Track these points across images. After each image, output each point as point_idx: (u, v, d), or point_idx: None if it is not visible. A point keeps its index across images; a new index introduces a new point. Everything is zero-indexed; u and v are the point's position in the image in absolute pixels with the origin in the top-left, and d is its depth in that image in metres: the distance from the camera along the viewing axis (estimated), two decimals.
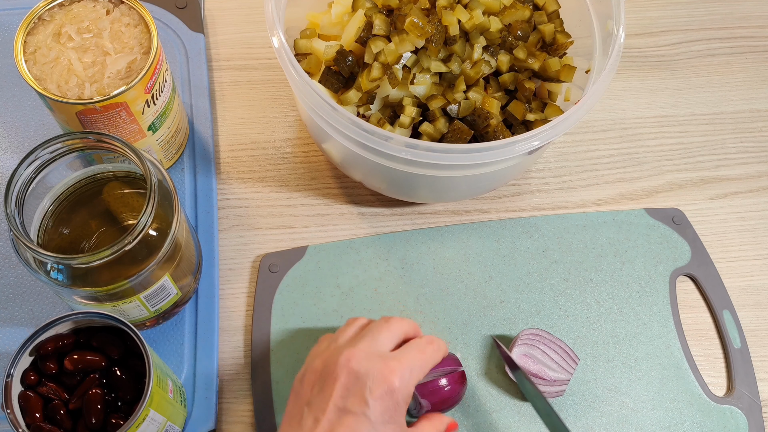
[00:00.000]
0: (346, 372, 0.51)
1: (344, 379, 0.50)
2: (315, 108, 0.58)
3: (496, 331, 0.66)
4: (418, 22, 0.61)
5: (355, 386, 0.50)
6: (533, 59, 0.66)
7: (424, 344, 0.55)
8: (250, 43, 0.79)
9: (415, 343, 0.55)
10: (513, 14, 0.67)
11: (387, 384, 0.50)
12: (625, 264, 0.69)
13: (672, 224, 0.71)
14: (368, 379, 0.50)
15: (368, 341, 0.53)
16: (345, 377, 0.51)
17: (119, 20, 0.60)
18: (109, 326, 0.53)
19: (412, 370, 0.52)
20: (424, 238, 0.70)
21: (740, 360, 0.66)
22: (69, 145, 0.53)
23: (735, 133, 0.77)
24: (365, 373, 0.50)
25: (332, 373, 0.51)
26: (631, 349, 0.66)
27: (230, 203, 0.71)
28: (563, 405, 0.64)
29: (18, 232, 0.50)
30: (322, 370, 0.52)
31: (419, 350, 0.54)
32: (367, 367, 0.51)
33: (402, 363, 0.52)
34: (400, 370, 0.51)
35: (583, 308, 0.68)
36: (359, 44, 0.65)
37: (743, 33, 0.82)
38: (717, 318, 0.68)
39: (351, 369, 0.51)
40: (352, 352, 0.52)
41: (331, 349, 0.54)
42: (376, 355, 0.52)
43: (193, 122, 0.73)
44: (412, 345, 0.54)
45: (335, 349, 0.54)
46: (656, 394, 0.64)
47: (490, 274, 0.68)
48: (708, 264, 0.70)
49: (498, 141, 0.56)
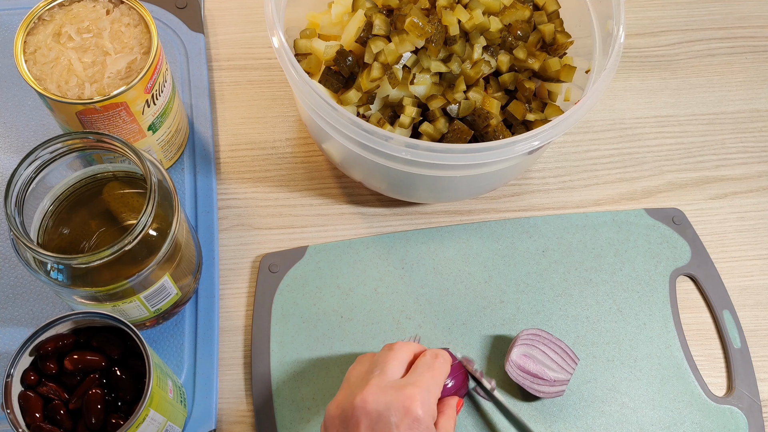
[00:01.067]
0: (365, 414, 0.50)
1: (366, 421, 0.50)
2: (315, 108, 0.58)
3: (495, 332, 0.66)
4: (418, 22, 0.61)
5: (379, 425, 0.49)
6: (533, 59, 0.66)
7: (432, 360, 0.54)
8: (250, 43, 0.79)
9: (423, 363, 0.54)
10: (513, 14, 0.67)
11: (411, 414, 0.49)
12: (625, 264, 0.69)
13: (672, 224, 0.71)
14: (390, 415, 0.49)
15: (378, 375, 0.52)
16: (366, 420, 0.50)
17: (119, 20, 0.60)
18: (109, 326, 0.53)
19: (429, 390, 0.51)
20: (424, 239, 0.70)
21: (740, 360, 0.66)
22: (69, 145, 0.53)
23: (735, 133, 0.77)
24: (386, 409, 0.49)
25: (352, 418, 0.50)
26: (631, 349, 0.66)
27: (230, 203, 0.71)
28: (563, 405, 0.64)
29: (18, 232, 0.50)
30: (341, 415, 0.51)
31: (429, 368, 0.53)
32: (386, 403, 0.50)
33: (419, 387, 0.51)
34: (419, 395, 0.50)
35: (583, 308, 0.68)
36: (359, 44, 0.65)
37: (743, 33, 0.82)
38: (717, 318, 0.68)
39: (369, 410, 0.50)
40: (365, 392, 0.51)
41: (345, 391, 0.53)
42: (390, 387, 0.51)
43: (193, 122, 0.73)
44: (421, 365, 0.54)
45: (348, 391, 0.53)
46: (656, 394, 0.64)
47: (489, 275, 0.68)
48: (708, 264, 0.70)
49: (498, 141, 0.56)
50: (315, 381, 0.64)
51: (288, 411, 0.63)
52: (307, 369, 0.64)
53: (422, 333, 0.66)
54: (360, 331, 0.66)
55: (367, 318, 0.66)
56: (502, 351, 0.65)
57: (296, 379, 0.64)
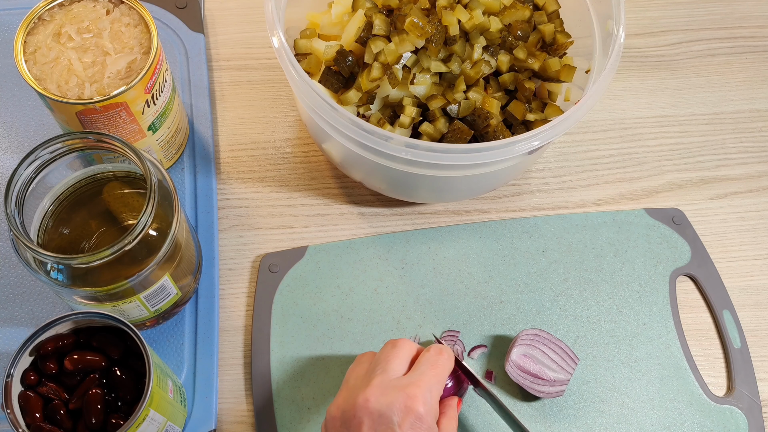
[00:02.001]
0: (368, 414, 0.49)
1: (368, 421, 0.49)
2: (315, 108, 0.58)
3: (496, 332, 0.66)
4: (418, 22, 0.61)
5: (381, 425, 0.49)
6: (533, 59, 0.66)
7: (435, 357, 0.53)
8: (250, 43, 0.79)
9: (426, 359, 0.53)
10: (513, 14, 0.67)
11: (413, 413, 0.49)
12: (625, 264, 0.69)
13: (672, 224, 0.71)
14: (393, 414, 0.49)
15: (380, 374, 0.52)
16: (368, 420, 0.49)
17: (119, 20, 0.60)
18: (109, 326, 0.53)
19: (431, 389, 0.51)
20: (423, 239, 0.70)
21: (740, 360, 0.66)
22: (69, 145, 0.53)
23: (735, 133, 0.77)
24: (388, 409, 0.49)
25: (353, 419, 0.50)
26: (630, 349, 0.66)
27: (230, 203, 0.71)
28: (563, 405, 0.64)
29: (18, 232, 0.50)
30: (342, 416, 0.51)
31: (432, 365, 0.53)
32: (388, 402, 0.49)
33: (420, 386, 0.50)
34: (421, 395, 0.50)
35: (583, 308, 0.68)
36: (359, 44, 0.65)
37: (743, 33, 0.82)
38: (717, 318, 0.68)
39: (371, 410, 0.49)
40: (367, 392, 0.50)
41: (345, 392, 0.53)
42: (392, 386, 0.51)
43: (193, 122, 0.73)
44: (424, 362, 0.53)
45: (349, 392, 0.52)
46: (656, 394, 0.64)
47: (489, 275, 0.68)
48: (708, 264, 0.70)
49: (498, 141, 0.56)
50: (315, 381, 0.64)
51: (288, 411, 0.63)
52: (307, 369, 0.64)
53: (422, 333, 0.66)
54: (360, 331, 0.66)
55: (367, 318, 0.66)
56: (502, 351, 0.65)
57: (296, 379, 0.64)
